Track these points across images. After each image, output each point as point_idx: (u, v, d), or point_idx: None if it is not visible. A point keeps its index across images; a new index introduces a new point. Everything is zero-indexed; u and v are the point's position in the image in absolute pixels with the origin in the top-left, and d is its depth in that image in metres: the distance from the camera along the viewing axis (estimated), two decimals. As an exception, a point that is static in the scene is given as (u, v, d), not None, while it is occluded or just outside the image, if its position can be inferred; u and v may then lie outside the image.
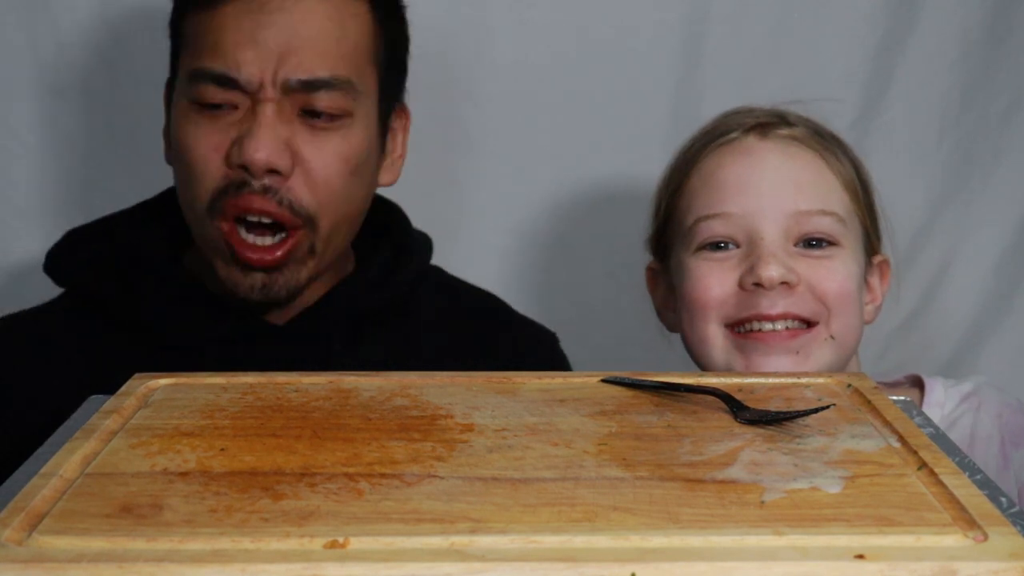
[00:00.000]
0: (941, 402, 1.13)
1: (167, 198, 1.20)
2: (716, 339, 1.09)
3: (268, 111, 1.08)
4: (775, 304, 1.06)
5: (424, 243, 1.25)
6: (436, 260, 1.28)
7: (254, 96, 1.09)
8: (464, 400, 0.83)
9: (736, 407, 0.80)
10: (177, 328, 1.13)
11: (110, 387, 1.01)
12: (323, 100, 1.10)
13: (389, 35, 1.16)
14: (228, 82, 1.09)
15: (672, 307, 1.16)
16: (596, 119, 1.48)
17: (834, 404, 0.80)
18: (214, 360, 1.09)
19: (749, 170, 1.10)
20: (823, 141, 1.12)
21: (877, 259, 1.15)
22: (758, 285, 1.06)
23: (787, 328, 1.07)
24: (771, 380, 0.89)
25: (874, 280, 1.15)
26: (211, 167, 1.09)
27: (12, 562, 0.59)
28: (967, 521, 0.63)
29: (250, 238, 1.10)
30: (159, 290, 1.14)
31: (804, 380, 0.89)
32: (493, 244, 1.49)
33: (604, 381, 0.87)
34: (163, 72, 1.18)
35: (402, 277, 1.20)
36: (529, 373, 0.89)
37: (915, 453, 0.72)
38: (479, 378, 0.88)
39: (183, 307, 1.14)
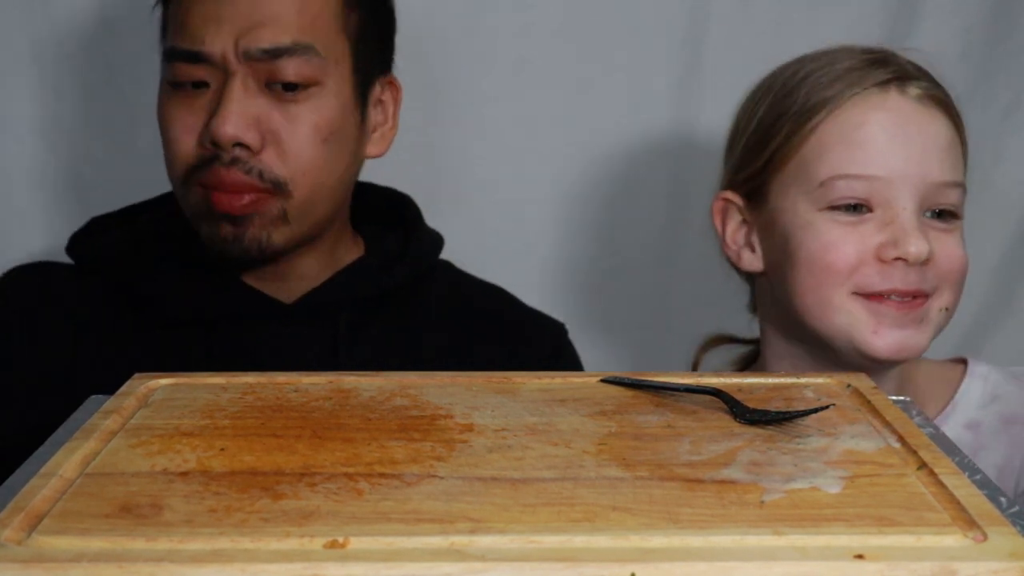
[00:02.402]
0: (985, 375, 1.13)
1: None
2: (843, 304, 1.05)
3: (235, 86, 1.12)
4: (909, 280, 1.04)
5: (435, 238, 1.28)
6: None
7: (222, 71, 1.12)
8: (464, 400, 0.83)
9: (736, 407, 0.80)
10: (186, 303, 1.17)
11: (123, 357, 1.04)
12: (287, 68, 1.12)
13: (364, 10, 1.19)
14: (195, 57, 1.12)
15: (746, 243, 1.14)
16: (596, 120, 1.48)
17: (834, 404, 0.80)
18: (222, 336, 1.16)
19: (897, 131, 1.06)
20: (949, 99, 1.09)
21: None
22: (899, 259, 1.04)
23: (914, 297, 1.05)
24: (771, 380, 0.89)
25: None
26: (185, 146, 1.14)
27: (12, 562, 0.59)
28: (967, 521, 0.63)
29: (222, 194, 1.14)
30: (172, 267, 1.18)
31: (804, 380, 0.89)
32: (494, 245, 1.49)
33: (604, 381, 0.87)
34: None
35: (409, 264, 1.23)
36: (529, 373, 0.89)
37: (915, 453, 0.73)
38: (479, 378, 0.88)
39: (193, 284, 1.18)
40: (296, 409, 0.81)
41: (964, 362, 1.16)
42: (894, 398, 0.85)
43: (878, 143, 1.06)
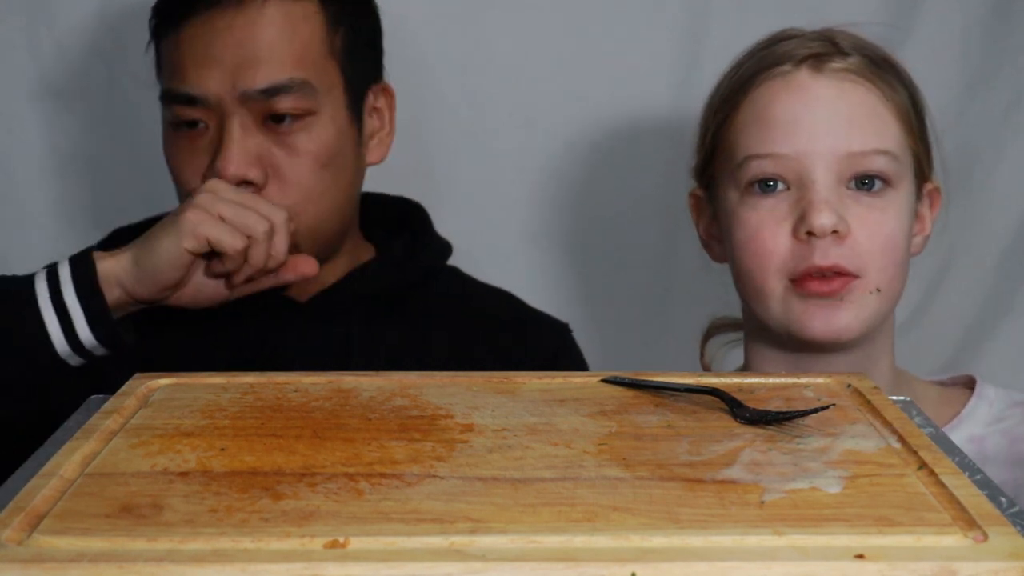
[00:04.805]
0: (991, 399, 1.12)
1: None
2: (775, 292, 1.06)
3: (233, 126, 1.14)
4: (827, 255, 1.03)
5: (442, 243, 1.31)
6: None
7: (219, 111, 1.14)
8: (464, 400, 0.83)
9: (736, 407, 0.80)
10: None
11: (139, 356, 1.06)
12: (283, 103, 1.15)
13: (348, 25, 1.20)
14: (191, 100, 1.15)
15: (716, 236, 1.14)
16: (596, 119, 1.49)
17: (834, 404, 0.80)
18: (238, 334, 1.20)
19: (802, 108, 1.06)
20: (878, 71, 1.08)
21: (928, 187, 1.12)
22: (810, 234, 1.03)
23: (836, 274, 1.04)
24: (771, 380, 0.89)
25: (924, 209, 1.12)
26: (194, 186, 1.15)
27: (12, 562, 0.59)
28: (967, 521, 0.63)
29: None
30: None
31: (804, 380, 0.89)
32: (493, 245, 1.49)
33: (604, 381, 0.87)
34: (163, 72, 1.19)
35: (416, 267, 1.26)
36: (529, 373, 0.89)
37: (915, 453, 0.72)
38: (479, 378, 0.88)
39: None
40: (296, 409, 0.81)
41: (969, 384, 1.15)
42: (894, 398, 0.85)
43: (782, 121, 1.06)
